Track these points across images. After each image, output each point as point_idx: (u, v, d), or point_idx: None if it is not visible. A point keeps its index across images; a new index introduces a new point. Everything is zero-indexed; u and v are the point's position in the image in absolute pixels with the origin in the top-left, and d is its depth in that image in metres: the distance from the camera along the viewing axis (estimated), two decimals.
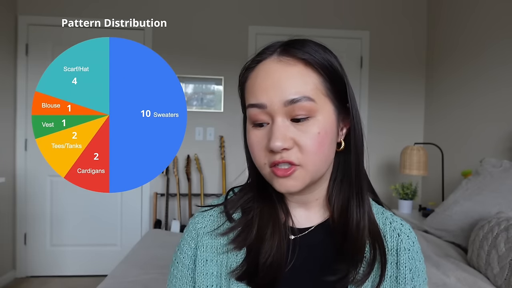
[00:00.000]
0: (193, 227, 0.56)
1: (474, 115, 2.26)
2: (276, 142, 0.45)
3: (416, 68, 2.88)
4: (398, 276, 0.51)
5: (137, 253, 1.58)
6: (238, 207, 0.55)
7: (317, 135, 0.47)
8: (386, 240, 0.53)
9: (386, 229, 0.54)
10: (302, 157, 0.47)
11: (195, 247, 0.55)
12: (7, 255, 2.53)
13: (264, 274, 0.49)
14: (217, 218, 0.56)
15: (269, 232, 0.51)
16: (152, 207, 2.72)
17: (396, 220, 0.55)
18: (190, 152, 2.72)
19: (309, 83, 0.47)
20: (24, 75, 2.59)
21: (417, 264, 0.53)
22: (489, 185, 1.57)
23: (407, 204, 2.33)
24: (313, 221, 0.55)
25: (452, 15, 2.55)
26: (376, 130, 2.86)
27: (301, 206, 0.55)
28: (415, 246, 0.53)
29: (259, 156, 0.49)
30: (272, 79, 0.47)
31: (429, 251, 1.43)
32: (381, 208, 0.57)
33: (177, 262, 0.57)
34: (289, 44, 0.49)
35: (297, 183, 0.48)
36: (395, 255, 0.52)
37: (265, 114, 0.47)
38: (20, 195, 2.60)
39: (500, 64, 2.04)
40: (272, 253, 0.49)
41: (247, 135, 0.51)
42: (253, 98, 0.48)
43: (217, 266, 0.53)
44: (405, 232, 0.54)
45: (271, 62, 0.48)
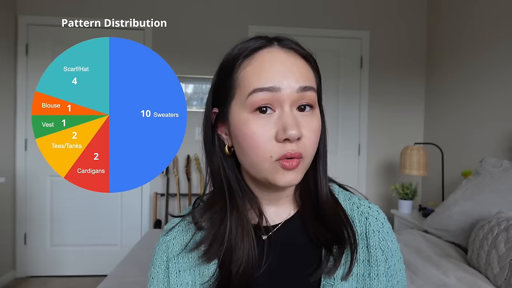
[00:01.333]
0: (163, 240, 0.57)
1: (474, 115, 2.26)
2: (294, 130, 0.44)
3: (416, 68, 2.88)
4: (370, 259, 0.51)
5: (137, 253, 1.58)
6: (206, 216, 0.54)
7: (317, 128, 0.48)
8: (355, 224, 0.52)
9: (354, 214, 0.53)
10: (305, 148, 0.47)
11: (166, 260, 0.55)
12: (7, 255, 2.53)
13: (238, 283, 0.48)
14: (186, 229, 0.56)
15: (239, 239, 0.50)
16: (152, 207, 2.72)
17: (363, 203, 0.55)
18: (190, 152, 2.72)
19: (312, 77, 0.49)
20: (24, 75, 2.59)
21: (389, 245, 0.52)
22: (489, 185, 1.57)
23: (407, 204, 2.33)
24: (282, 217, 0.55)
25: (452, 15, 2.55)
26: (376, 130, 2.86)
27: (272, 203, 0.55)
28: (384, 227, 0.53)
29: (264, 148, 0.46)
30: (284, 65, 0.47)
31: (429, 251, 1.43)
32: (349, 194, 0.57)
33: (152, 278, 0.57)
34: (284, 40, 0.50)
35: (298, 175, 0.48)
36: (365, 239, 0.52)
37: (274, 100, 0.46)
38: (20, 195, 2.60)
39: (500, 64, 2.04)
40: (244, 260, 0.49)
41: (241, 125, 0.47)
42: (263, 82, 0.46)
43: (191, 275, 0.53)
44: (373, 214, 0.53)
45: (276, 50, 0.48)
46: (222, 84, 0.51)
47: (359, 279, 0.50)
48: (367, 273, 0.50)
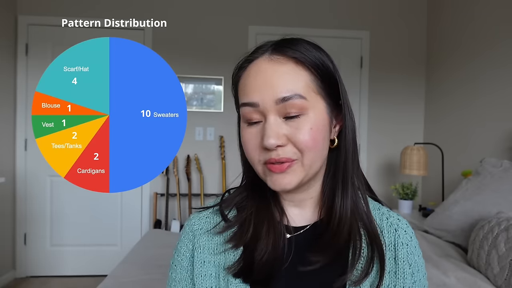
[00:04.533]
0: (190, 228, 0.57)
1: (474, 115, 2.26)
2: (269, 140, 0.46)
3: (416, 68, 2.87)
4: (397, 271, 0.51)
5: (137, 253, 1.58)
6: (233, 206, 0.56)
7: (310, 131, 0.47)
8: (383, 235, 0.52)
9: (383, 224, 0.53)
10: (298, 152, 0.48)
11: (192, 249, 0.55)
12: (7, 255, 2.53)
13: (259, 271, 0.49)
14: (213, 219, 0.56)
15: (265, 230, 0.51)
16: (152, 207, 2.72)
17: (392, 215, 0.55)
18: (190, 152, 2.72)
19: (300, 81, 0.47)
20: (24, 75, 2.59)
21: (416, 259, 0.52)
22: (489, 185, 1.57)
23: (407, 204, 2.33)
24: (308, 220, 0.55)
25: (452, 15, 2.55)
26: (376, 130, 2.86)
27: (296, 205, 0.55)
28: (413, 241, 0.53)
29: (253, 154, 0.50)
30: (263, 78, 0.48)
31: (429, 251, 1.43)
32: (378, 204, 0.57)
33: (175, 265, 0.57)
34: (280, 43, 0.49)
35: (293, 178, 0.48)
36: (393, 251, 0.52)
37: (258, 112, 0.48)
38: (20, 195, 2.60)
39: (501, 64, 2.04)
40: (268, 250, 0.49)
41: (241, 133, 0.52)
42: (245, 97, 0.49)
43: (215, 267, 0.53)
44: (402, 227, 0.53)
45: (262, 62, 0.49)
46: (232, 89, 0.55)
47: None
48: (392, 285, 0.51)
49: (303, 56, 0.48)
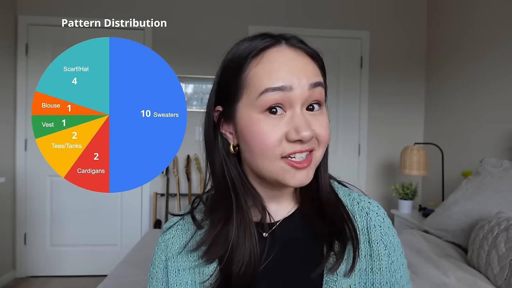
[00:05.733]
0: (162, 239, 0.57)
1: (474, 115, 2.26)
2: (307, 131, 0.45)
3: (416, 68, 2.87)
4: (372, 254, 0.51)
5: (137, 253, 1.58)
6: (206, 216, 0.54)
7: (327, 124, 0.49)
8: (355, 220, 0.52)
9: (354, 209, 0.53)
10: (317, 144, 0.48)
11: (165, 259, 0.55)
12: (7, 255, 2.53)
13: (239, 283, 0.48)
14: (186, 230, 0.56)
15: (241, 239, 0.49)
16: (152, 207, 2.72)
17: (363, 199, 0.55)
18: (190, 152, 2.72)
19: (319, 74, 0.49)
20: (24, 75, 2.59)
21: (391, 239, 0.52)
22: (489, 185, 1.57)
23: (407, 204, 2.33)
24: (283, 214, 0.55)
25: (452, 15, 2.55)
26: (376, 130, 2.86)
27: (273, 200, 0.55)
28: (385, 222, 0.53)
29: (272, 147, 0.45)
30: (294, 63, 0.47)
31: (429, 251, 1.43)
32: (348, 190, 0.57)
33: (152, 278, 0.57)
34: (290, 38, 0.49)
35: (310, 173, 0.48)
36: (366, 234, 0.52)
37: (285, 99, 0.45)
38: (20, 195, 2.60)
39: (501, 65, 2.04)
40: (245, 260, 0.48)
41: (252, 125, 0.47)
42: (274, 81, 0.45)
43: (191, 275, 0.53)
44: (373, 209, 0.53)
45: (284, 49, 0.48)
46: (228, 82, 0.50)
47: (361, 274, 0.50)
48: (369, 268, 0.50)
49: (317, 54, 0.50)
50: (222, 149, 0.52)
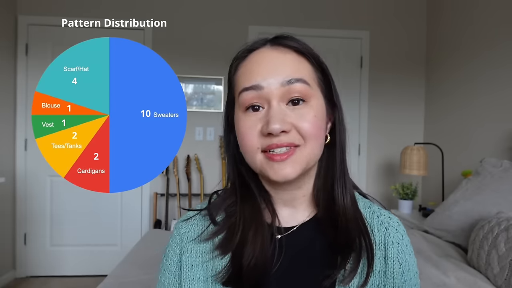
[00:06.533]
0: (177, 232, 0.57)
1: (474, 115, 2.26)
2: (275, 124, 0.45)
3: (416, 68, 2.87)
4: (386, 271, 0.50)
5: (137, 253, 1.58)
6: (221, 210, 0.55)
7: (314, 118, 0.48)
8: (373, 234, 0.51)
9: (374, 223, 0.52)
10: (301, 139, 0.47)
11: (180, 253, 0.55)
12: (7, 255, 2.53)
13: (249, 277, 0.48)
14: (201, 223, 0.56)
15: (252, 234, 0.50)
16: (152, 207, 2.72)
17: (383, 213, 0.54)
18: (190, 152, 2.72)
19: (304, 69, 0.49)
20: (24, 75, 2.59)
21: (407, 258, 0.51)
22: (489, 185, 1.57)
23: (407, 204, 2.32)
24: (299, 219, 0.54)
25: (452, 15, 2.55)
26: (376, 130, 2.86)
27: (287, 205, 0.54)
28: (404, 240, 0.52)
29: (252, 142, 0.48)
30: (268, 63, 0.48)
31: (429, 251, 1.43)
32: (368, 202, 0.56)
33: (164, 270, 0.57)
34: (279, 37, 0.50)
35: (295, 167, 0.47)
36: (383, 250, 0.51)
37: (261, 97, 0.47)
38: (20, 195, 2.60)
39: (500, 64, 2.04)
40: (255, 255, 0.48)
41: (237, 124, 0.50)
42: (247, 82, 0.48)
43: (203, 270, 0.53)
44: (393, 225, 0.52)
45: (265, 50, 0.50)
46: (228, 85, 0.55)
47: None
48: (382, 284, 0.50)
49: (304, 47, 0.50)
50: (234, 149, 0.55)
